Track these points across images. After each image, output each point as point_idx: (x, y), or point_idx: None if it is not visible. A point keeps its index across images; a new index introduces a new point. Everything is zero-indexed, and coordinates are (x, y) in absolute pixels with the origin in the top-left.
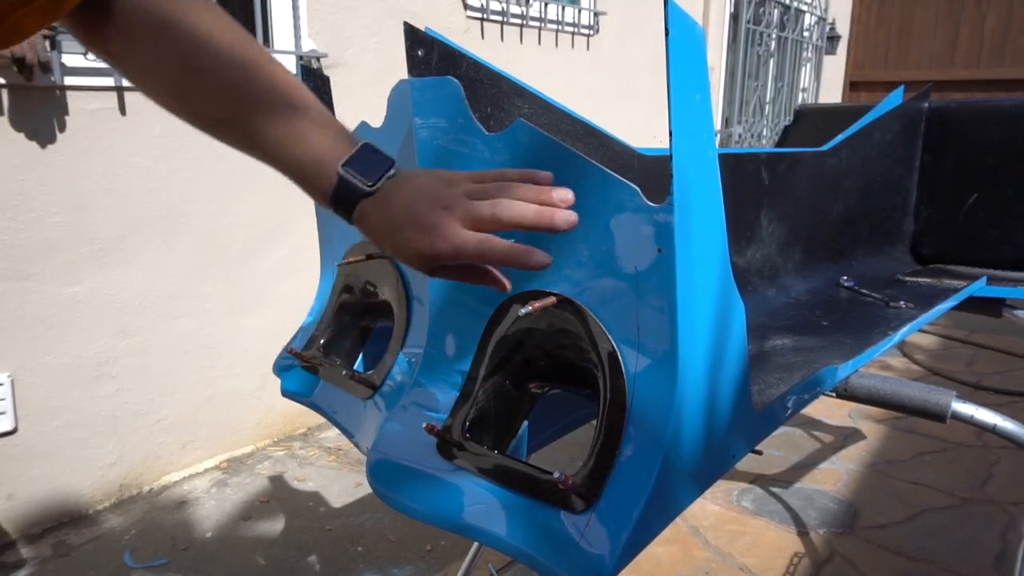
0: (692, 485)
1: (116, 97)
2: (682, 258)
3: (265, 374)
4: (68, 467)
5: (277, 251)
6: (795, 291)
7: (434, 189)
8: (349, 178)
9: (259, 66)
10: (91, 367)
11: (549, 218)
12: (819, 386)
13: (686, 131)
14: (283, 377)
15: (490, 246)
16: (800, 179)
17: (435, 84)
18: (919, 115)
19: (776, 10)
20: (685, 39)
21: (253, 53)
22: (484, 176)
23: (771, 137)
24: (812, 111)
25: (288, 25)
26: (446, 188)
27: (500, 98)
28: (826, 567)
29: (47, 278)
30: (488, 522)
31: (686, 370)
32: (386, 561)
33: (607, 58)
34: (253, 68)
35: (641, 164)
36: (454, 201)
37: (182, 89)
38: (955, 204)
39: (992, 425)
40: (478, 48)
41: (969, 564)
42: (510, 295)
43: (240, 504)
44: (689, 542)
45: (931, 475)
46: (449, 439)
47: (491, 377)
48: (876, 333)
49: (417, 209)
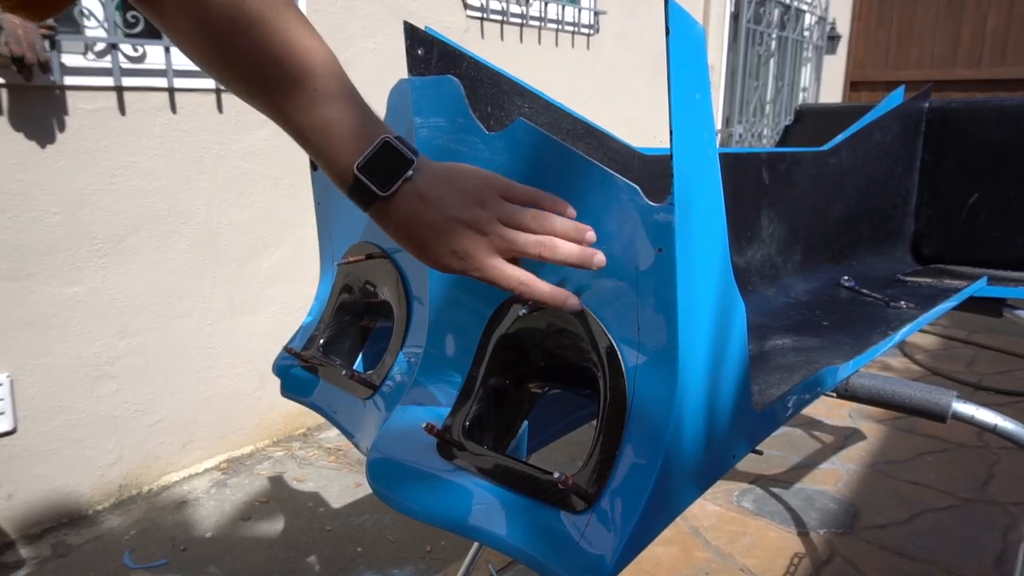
0: (692, 485)
1: (116, 97)
2: (682, 258)
3: (265, 374)
4: (68, 467)
5: (277, 251)
6: (795, 291)
7: (465, 207)
8: (364, 181)
9: (275, 31)
10: (91, 367)
11: (590, 259)
12: (819, 386)
13: (686, 131)
14: (283, 377)
15: (531, 288)
16: (800, 179)
17: (435, 83)
18: (919, 115)
19: (776, 10)
20: (685, 39)
21: (280, 18)
22: (514, 194)
23: (771, 137)
24: (812, 111)
25: None
26: (478, 207)
27: (500, 97)
28: (826, 567)
29: (47, 278)
30: (488, 522)
31: (686, 370)
32: (386, 561)
33: (607, 58)
34: (268, 34)
35: (641, 164)
36: (489, 227)
37: (212, 56)
38: (955, 204)
39: (992, 425)
40: (478, 47)
41: (970, 564)
42: (510, 295)
43: (240, 504)
44: (689, 542)
45: (931, 475)
46: (449, 439)
47: (491, 377)
48: (876, 333)
49: (447, 228)
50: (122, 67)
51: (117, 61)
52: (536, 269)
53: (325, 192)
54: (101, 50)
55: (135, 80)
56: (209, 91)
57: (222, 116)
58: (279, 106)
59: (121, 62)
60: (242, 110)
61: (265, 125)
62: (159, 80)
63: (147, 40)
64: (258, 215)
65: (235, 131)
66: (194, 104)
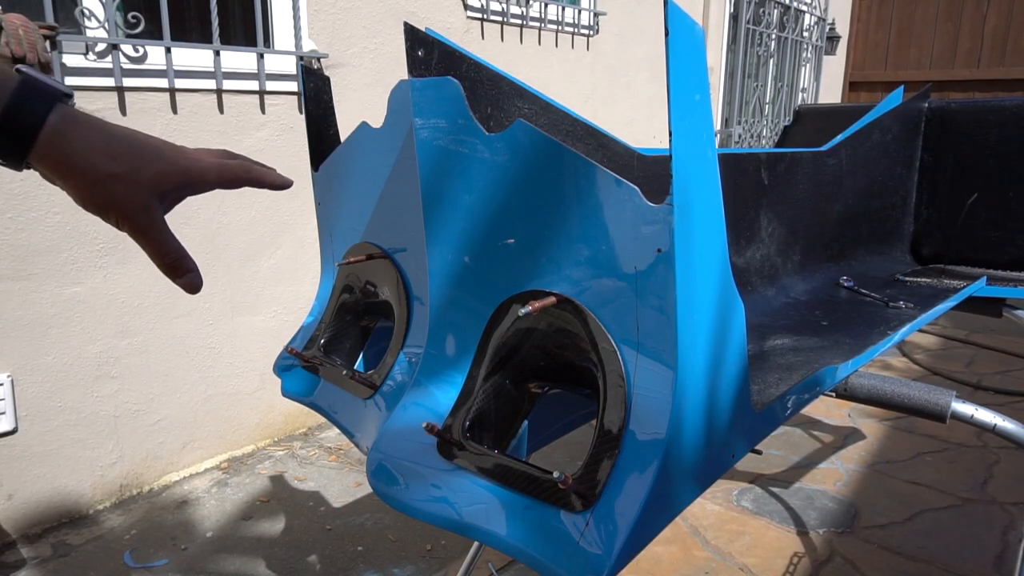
0: (692, 485)
1: (116, 97)
2: (682, 258)
3: (265, 374)
4: (68, 467)
5: (277, 251)
6: (795, 291)
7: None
8: (38, 78)
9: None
10: (91, 367)
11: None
12: (819, 386)
13: (686, 131)
14: (284, 377)
15: (230, 164)
16: (800, 179)
17: (435, 84)
18: (919, 115)
19: (776, 10)
20: (685, 39)
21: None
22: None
23: (771, 137)
24: (812, 111)
25: (288, 25)
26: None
27: (500, 98)
28: (826, 567)
29: (47, 278)
30: (488, 522)
31: (686, 370)
32: (386, 561)
33: (607, 58)
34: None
35: (641, 164)
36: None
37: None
38: (955, 204)
39: (992, 425)
40: (478, 48)
41: (969, 564)
42: (510, 295)
43: (240, 504)
44: (689, 542)
45: (931, 475)
46: (449, 439)
47: (491, 377)
48: (876, 333)
49: (144, 138)
50: (123, 67)
51: (118, 61)
52: (535, 268)
53: (326, 192)
54: (102, 50)
55: (136, 80)
56: (210, 92)
57: (223, 116)
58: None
59: (122, 62)
60: (242, 110)
61: (265, 125)
62: (160, 80)
63: (148, 41)
64: (259, 215)
65: (236, 131)
66: (195, 104)
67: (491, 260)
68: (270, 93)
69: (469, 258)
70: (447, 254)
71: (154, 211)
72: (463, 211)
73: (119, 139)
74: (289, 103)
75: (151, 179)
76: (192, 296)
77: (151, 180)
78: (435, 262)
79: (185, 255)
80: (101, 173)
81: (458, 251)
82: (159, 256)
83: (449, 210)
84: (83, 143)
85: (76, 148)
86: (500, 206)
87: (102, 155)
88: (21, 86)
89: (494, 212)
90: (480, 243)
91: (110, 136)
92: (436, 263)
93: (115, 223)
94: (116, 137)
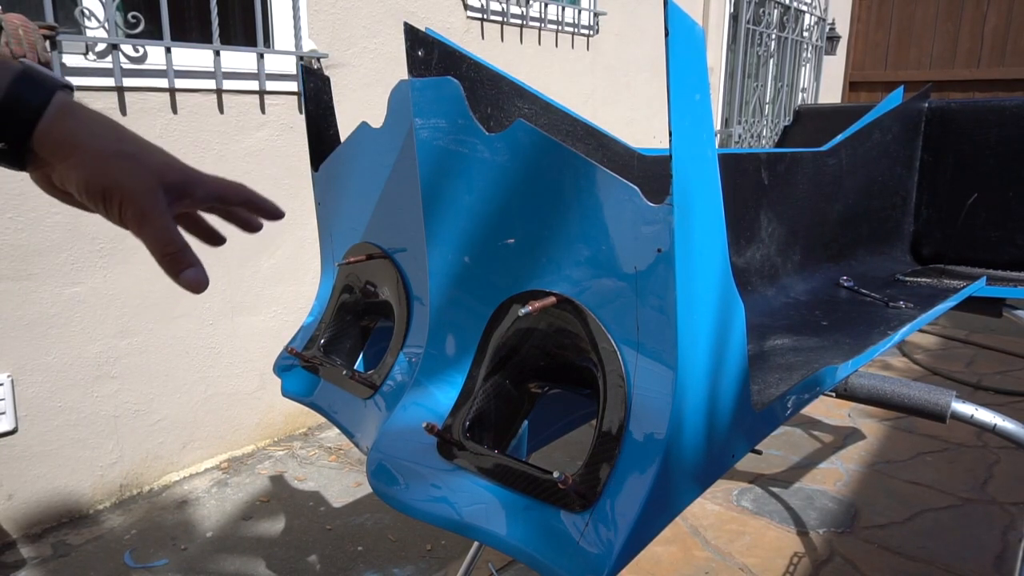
0: (692, 485)
1: (116, 97)
2: (682, 258)
3: (265, 374)
4: (68, 467)
5: (277, 251)
6: (795, 291)
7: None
8: (40, 68)
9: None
10: (91, 367)
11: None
12: (819, 386)
13: (686, 131)
14: (284, 377)
15: (231, 180)
16: (800, 179)
17: (435, 84)
18: (919, 115)
19: (776, 10)
20: (685, 39)
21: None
22: None
23: (771, 137)
24: (812, 111)
25: (288, 25)
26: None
27: (500, 98)
28: (826, 567)
29: (47, 278)
30: (488, 522)
31: (686, 370)
32: (386, 561)
33: (607, 58)
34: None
35: (641, 164)
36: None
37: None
38: (955, 204)
39: (992, 425)
40: (478, 48)
41: (969, 564)
42: (510, 295)
43: (240, 504)
44: (689, 542)
45: (931, 475)
46: (449, 439)
47: (491, 377)
48: (876, 333)
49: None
50: (123, 67)
51: (118, 62)
52: (535, 268)
53: (326, 192)
54: (102, 51)
55: (136, 80)
56: (210, 92)
57: (223, 116)
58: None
59: (122, 62)
60: (243, 111)
61: (265, 125)
62: (160, 80)
63: (148, 41)
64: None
65: (235, 131)
66: (195, 104)
67: (491, 260)
68: (270, 93)
69: (469, 258)
70: (447, 254)
71: (159, 195)
72: (463, 211)
73: (123, 128)
74: (289, 103)
75: (157, 165)
76: (192, 296)
77: (157, 166)
78: (435, 262)
79: (187, 248)
80: (109, 150)
81: (458, 251)
82: (160, 245)
83: (449, 210)
84: (89, 123)
85: (82, 127)
86: (500, 206)
87: (108, 136)
88: (25, 71)
89: (494, 212)
90: (480, 243)
91: (114, 124)
92: (436, 263)
93: (117, 208)
94: (120, 126)
